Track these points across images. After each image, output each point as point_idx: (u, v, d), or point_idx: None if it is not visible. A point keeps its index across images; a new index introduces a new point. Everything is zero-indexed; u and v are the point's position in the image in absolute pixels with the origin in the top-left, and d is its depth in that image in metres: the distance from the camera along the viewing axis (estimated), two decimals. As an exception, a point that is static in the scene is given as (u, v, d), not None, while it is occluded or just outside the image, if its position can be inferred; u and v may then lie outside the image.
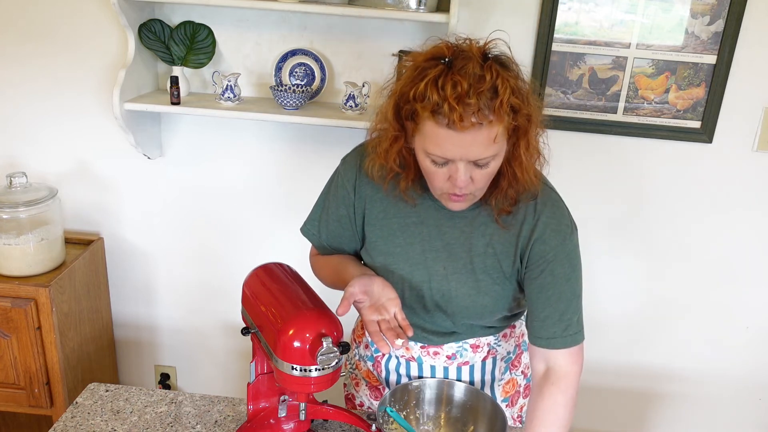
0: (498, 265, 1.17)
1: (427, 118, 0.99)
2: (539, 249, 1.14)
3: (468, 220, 1.18)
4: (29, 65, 1.98)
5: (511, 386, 1.38)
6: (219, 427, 1.23)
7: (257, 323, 1.13)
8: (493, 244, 1.17)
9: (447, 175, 1.05)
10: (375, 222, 1.22)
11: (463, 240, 1.18)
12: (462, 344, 1.28)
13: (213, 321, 2.28)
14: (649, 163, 1.96)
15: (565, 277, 1.15)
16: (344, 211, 1.25)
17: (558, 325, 1.15)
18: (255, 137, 2.03)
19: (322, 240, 1.30)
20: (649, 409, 2.27)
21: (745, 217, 2.00)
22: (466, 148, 1.00)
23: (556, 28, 1.82)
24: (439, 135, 0.99)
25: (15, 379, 1.91)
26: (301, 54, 1.91)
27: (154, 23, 1.85)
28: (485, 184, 1.09)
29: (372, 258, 1.25)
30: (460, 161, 1.02)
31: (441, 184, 1.07)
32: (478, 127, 0.97)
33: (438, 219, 1.19)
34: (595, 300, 2.12)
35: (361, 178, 1.22)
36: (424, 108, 0.99)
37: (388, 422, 1.18)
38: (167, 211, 2.14)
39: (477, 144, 0.99)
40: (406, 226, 1.20)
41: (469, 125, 0.96)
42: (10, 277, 1.86)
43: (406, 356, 1.32)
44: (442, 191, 1.09)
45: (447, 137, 0.99)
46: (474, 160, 1.02)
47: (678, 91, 1.87)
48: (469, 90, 0.96)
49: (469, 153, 1.00)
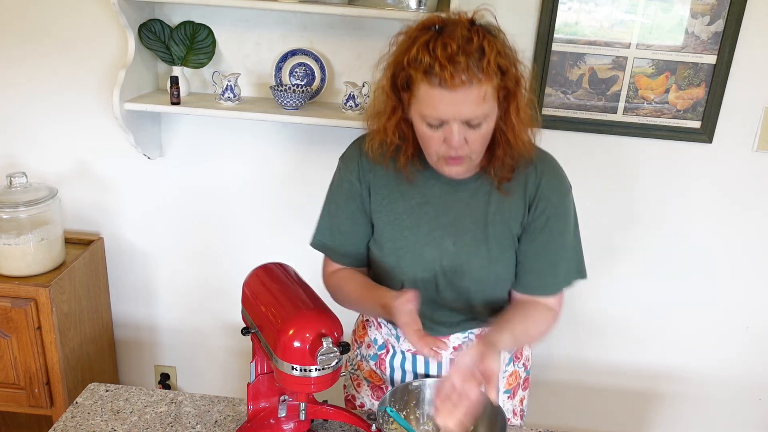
0: (508, 230, 1.22)
1: (420, 80, 1.06)
2: (542, 206, 1.21)
3: (471, 192, 1.22)
4: (29, 65, 1.98)
5: (513, 378, 1.40)
6: (219, 427, 1.23)
7: (257, 323, 1.13)
8: (502, 210, 1.22)
9: (442, 138, 1.10)
10: (381, 208, 1.25)
11: (469, 212, 1.22)
12: (468, 335, 1.31)
13: (213, 321, 2.28)
14: (649, 163, 1.96)
15: (559, 232, 1.23)
16: (354, 205, 1.27)
17: (550, 275, 1.25)
18: (255, 137, 2.03)
19: (337, 246, 1.31)
20: (649, 409, 2.27)
21: (745, 217, 2.00)
22: (458, 107, 1.05)
23: (556, 28, 1.82)
24: (433, 96, 1.05)
25: (15, 379, 1.91)
26: (301, 54, 1.91)
27: (154, 23, 1.85)
28: (479, 147, 1.13)
29: (381, 246, 1.26)
30: (453, 122, 1.07)
31: (437, 148, 1.12)
32: (468, 86, 1.04)
33: (442, 196, 1.22)
34: (595, 300, 2.12)
35: (363, 166, 1.26)
36: (417, 70, 1.05)
37: (388, 422, 1.18)
38: (167, 211, 2.14)
39: (468, 102, 1.05)
40: (411, 208, 1.23)
41: (459, 83, 1.03)
42: (10, 277, 1.86)
43: (412, 350, 1.33)
44: (438, 156, 1.13)
45: (440, 97, 1.05)
46: (466, 120, 1.07)
47: (678, 91, 1.87)
48: (458, 50, 1.03)
49: (461, 112, 1.06)
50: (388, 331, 1.36)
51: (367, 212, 1.27)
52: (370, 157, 1.23)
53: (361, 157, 1.26)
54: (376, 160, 1.23)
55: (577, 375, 2.23)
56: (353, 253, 1.31)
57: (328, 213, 1.31)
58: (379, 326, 1.38)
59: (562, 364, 2.22)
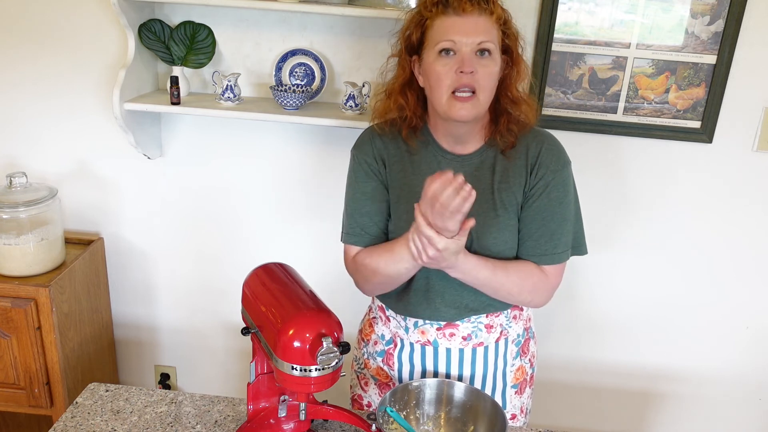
0: (513, 197, 1.29)
1: (435, 16, 1.22)
2: (541, 172, 1.28)
3: (476, 164, 1.31)
4: (29, 65, 1.98)
5: (520, 373, 1.43)
6: (219, 427, 1.23)
7: (257, 323, 1.13)
8: (506, 178, 1.29)
9: (454, 67, 1.20)
10: (395, 183, 1.33)
11: (476, 183, 1.27)
12: (477, 324, 1.34)
13: (213, 321, 2.28)
14: (649, 163, 1.96)
15: (558, 200, 1.29)
16: (374, 183, 1.34)
17: (549, 243, 1.29)
18: (255, 137, 2.03)
19: (361, 229, 1.34)
20: (648, 409, 2.28)
21: (745, 217, 2.00)
22: (469, 30, 1.20)
23: (556, 28, 1.82)
24: (447, 24, 1.20)
25: (15, 379, 1.91)
26: (301, 54, 1.91)
27: (154, 23, 1.85)
28: (486, 84, 1.22)
29: (396, 221, 1.31)
30: (465, 46, 1.20)
31: (449, 81, 1.21)
32: (478, 13, 1.20)
33: (450, 170, 1.27)
34: (595, 300, 2.12)
35: (376, 145, 1.35)
36: (433, 11, 1.22)
37: (388, 422, 1.18)
38: (167, 211, 2.14)
39: (479, 27, 1.20)
40: (422, 182, 1.27)
41: (470, 9, 1.19)
42: (10, 277, 1.86)
43: (421, 341, 1.34)
44: (450, 90, 1.21)
45: (453, 24, 1.20)
46: (477, 44, 1.20)
47: (678, 91, 1.87)
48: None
49: (472, 33, 1.20)
50: (397, 324, 1.38)
51: (385, 190, 1.34)
52: (378, 132, 1.35)
53: (373, 138, 1.36)
54: (383, 132, 1.34)
55: (577, 375, 2.23)
56: (376, 233, 1.34)
57: (350, 200, 1.36)
58: (387, 320, 1.40)
59: (562, 364, 2.22)
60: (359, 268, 1.34)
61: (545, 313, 2.04)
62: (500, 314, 1.35)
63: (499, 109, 1.30)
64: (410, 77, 1.31)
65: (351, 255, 1.37)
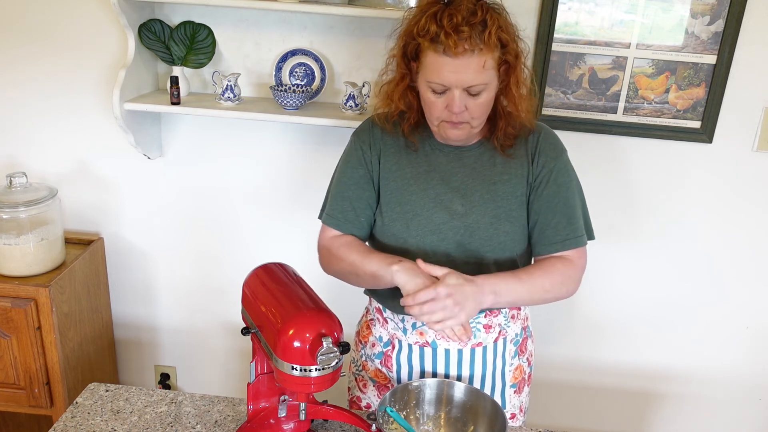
0: (515, 188, 1.29)
1: (427, 48, 1.16)
2: (542, 161, 1.29)
3: (475, 157, 1.31)
4: (29, 65, 1.98)
5: (519, 372, 1.43)
6: (219, 427, 1.23)
7: (257, 323, 1.13)
8: (508, 169, 1.29)
9: (445, 104, 1.20)
10: (389, 174, 1.32)
11: (475, 175, 1.29)
12: (475, 324, 1.33)
13: (213, 321, 2.28)
14: (649, 163, 1.96)
15: (565, 185, 1.30)
16: (361, 171, 1.34)
17: (568, 228, 1.29)
18: (255, 137, 2.03)
19: (340, 211, 1.34)
20: (648, 409, 2.27)
21: (745, 217, 2.00)
22: (460, 74, 1.15)
23: (556, 28, 1.82)
24: (438, 62, 1.16)
25: (15, 379, 1.91)
26: (301, 54, 1.91)
27: (154, 23, 1.85)
28: (479, 114, 1.22)
29: (388, 213, 1.30)
30: (455, 88, 1.17)
31: (439, 113, 1.22)
32: (470, 54, 1.14)
33: (447, 164, 1.30)
34: (595, 300, 2.12)
35: (375, 135, 1.35)
36: (425, 39, 1.16)
37: (388, 422, 1.18)
38: (167, 211, 2.14)
39: (470, 70, 1.15)
40: (418, 174, 1.30)
41: (462, 51, 1.13)
42: (10, 277, 1.86)
43: (420, 342, 1.34)
44: (440, 120, 1.23)
45: (444, 64, 1.15)
46: (467, 87, 1.17)
47: (678, 91, 1.87)
48: (463, 21, 1.13)
49: (462, 78, 1.16)
50: (395, 325, 1.37)
51: (374, 181, 1.34)
52: (379, 125, 1.34)
53: (373, 128, 1.36)
54: (383, 126, 1.33)
55: (577, 375, 2.23)
56: (354, 219, 1.34)
57: (336, 182, 1.37)
58: (385, 322, 1.39)
59: (561, 364, 2.22)
60: (331, 252, 1.34)
61: (545, 313, 2.03)
62: (498, 314, 1.35)
63: (497, 112, 1.29)
64: (410, 79, 1.29)
65: (327, 235, 1.37)
